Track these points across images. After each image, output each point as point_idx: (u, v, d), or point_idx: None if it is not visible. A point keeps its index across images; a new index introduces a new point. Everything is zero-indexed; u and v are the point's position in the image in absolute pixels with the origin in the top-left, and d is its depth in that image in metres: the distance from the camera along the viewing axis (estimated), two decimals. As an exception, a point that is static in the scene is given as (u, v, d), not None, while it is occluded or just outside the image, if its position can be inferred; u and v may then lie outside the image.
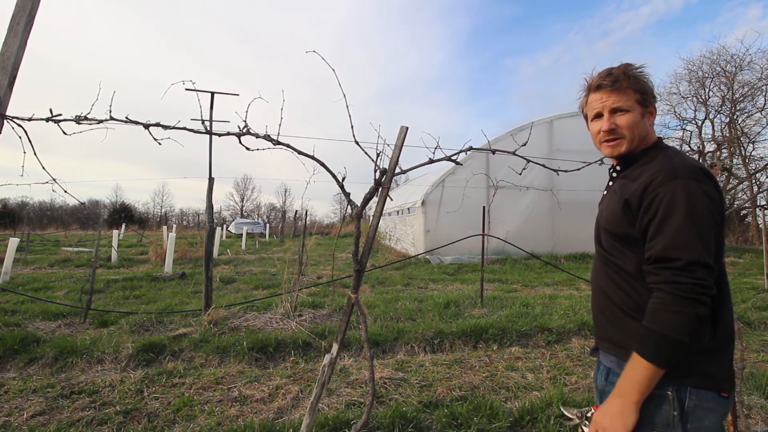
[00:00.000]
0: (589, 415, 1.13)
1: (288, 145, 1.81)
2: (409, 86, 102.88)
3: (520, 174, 2.38)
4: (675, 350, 0.95)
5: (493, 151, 1.91)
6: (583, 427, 1.14)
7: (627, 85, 1.15)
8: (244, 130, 1.80)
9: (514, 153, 1.92)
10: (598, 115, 1.21)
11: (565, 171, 2.13)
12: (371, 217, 1.97)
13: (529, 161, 1.98)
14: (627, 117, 1.15)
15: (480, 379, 3.26)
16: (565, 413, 1.16)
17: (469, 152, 1.85)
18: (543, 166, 2.04)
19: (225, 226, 26.13)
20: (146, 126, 1.80)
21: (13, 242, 7.91)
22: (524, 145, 1.94)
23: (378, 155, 1.73)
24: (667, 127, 20.30)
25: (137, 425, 2.53)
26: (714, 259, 1.00)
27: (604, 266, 1.22)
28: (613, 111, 1.17)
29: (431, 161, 1.83)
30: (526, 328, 4.37)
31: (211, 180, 5.10)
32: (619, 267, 1.16)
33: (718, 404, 1.03)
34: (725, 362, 1.05)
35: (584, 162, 2.12)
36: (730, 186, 19.35)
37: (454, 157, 1.82)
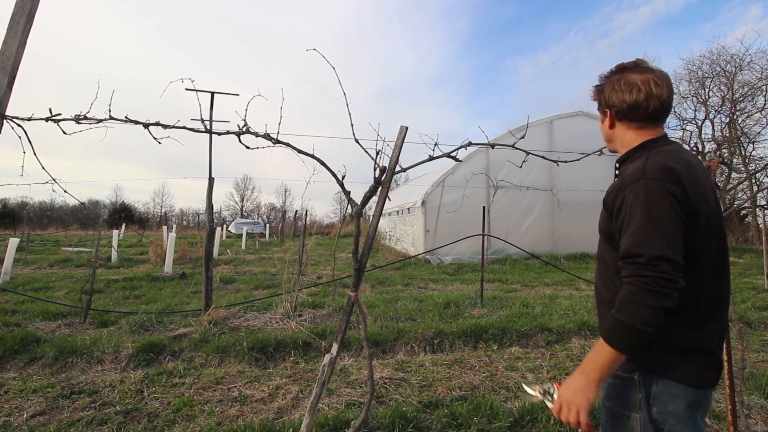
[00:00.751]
0: (551, 391, 1.22)
1: (288, 144, 1.81)
2: (408, 86, 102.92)
3: (521, 167, 2.39)
4: (639, 339, 0.98)
5: (492, 146, 1.92)
6: (547, 402, 1.19)
7: (593, 96, 1.32)
8: (244, 129, 1.80)
9: (512, 146, 1.94)
10: None
11: (565, 162, 2.13)
12: (371, 217, 1.97)
13: (528, 153, 1.99)
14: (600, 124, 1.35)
15: (480, 379, 3.26)
16: (527, 390, 1.24)
17: (468, 148, 1.86)
18: (543, 157, 2.05)
19: (225, 226, 26.13)
20: (146, 125, 1.80)
21: (13, 242, 7.91)
22: (523, 137, 1.95)
23: (378, 154, 1.73)
24: (667, 127, 20.24)
25: (137, 425, 2.53)
26: (694, 255, 1.06)
27: (597, 262, 1.29)
28: None
29: (431, 158, 1.83)
30: (526, 328, 4.36)
31: (211, 180, 5.10)
32: (606, 263, 1.22)
33: (683, 391, 1.07)
34: (699, 361, 1.09)
35: (582, 153, 2.13)
36: (730, 186, 19.36)
37: (453, 154, 1.83)
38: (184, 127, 1.83)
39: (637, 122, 1.20)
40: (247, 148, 1.89)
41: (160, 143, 1.91)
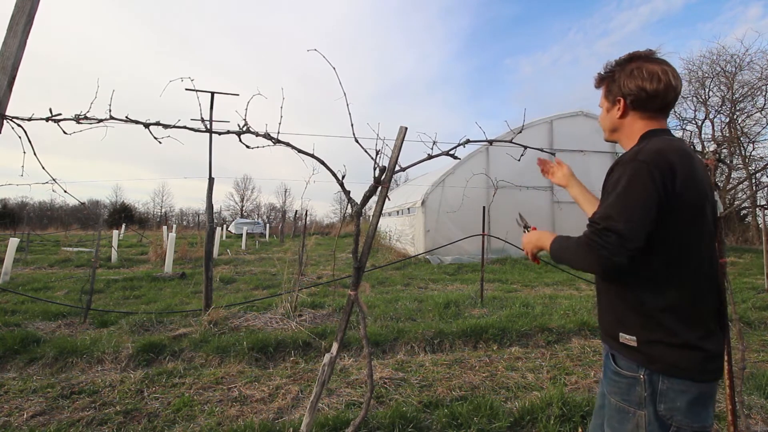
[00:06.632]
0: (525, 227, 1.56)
1: (288, 144, 1.82)
2: (408, 86, 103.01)
3: (519, 160, 2.40)
4: (561, 261, 1.22)
5: (491, 142, 1.93)
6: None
7: (597, 83, 1.32)
8: (244, 129, 1.80)
9: (511, 141, 1.95)
10: None
11: (562, 148, 2.14)
12: (371, 217, 1.98)
13: (526, 148, 1.99)
14: (600, 114, 1.36)
15: (480, 379, 3.26)
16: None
17: (469, 148, 1.87)
18: (541, 150, 2.05)
19: (225, 226, 26.12)
20: (146, 125, 1.80)
21: (13, 242, 7.91)
22: (520, 132, 1.96)
23: (377, 153, 1.74)
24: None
25: (137, 425, 2.52)
26: (684, 247, 1.08)
27: None
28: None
29: (430, 157, 1.83)
30: (526, 328, 4.36)
31: (211, 180, 5.10)
32: None
33: (689, 387, 1.07)
34: (700, 355, 1.08)
35: (582, 151, 2.14)
36: (730, 186, 19.37)
37: (452, 152, 1.83)
38: (184, 127, 1.83)
39: (651, 112, 1.21)
40: (248, 147, 1.89)
41: (160, 143, 1.91)
